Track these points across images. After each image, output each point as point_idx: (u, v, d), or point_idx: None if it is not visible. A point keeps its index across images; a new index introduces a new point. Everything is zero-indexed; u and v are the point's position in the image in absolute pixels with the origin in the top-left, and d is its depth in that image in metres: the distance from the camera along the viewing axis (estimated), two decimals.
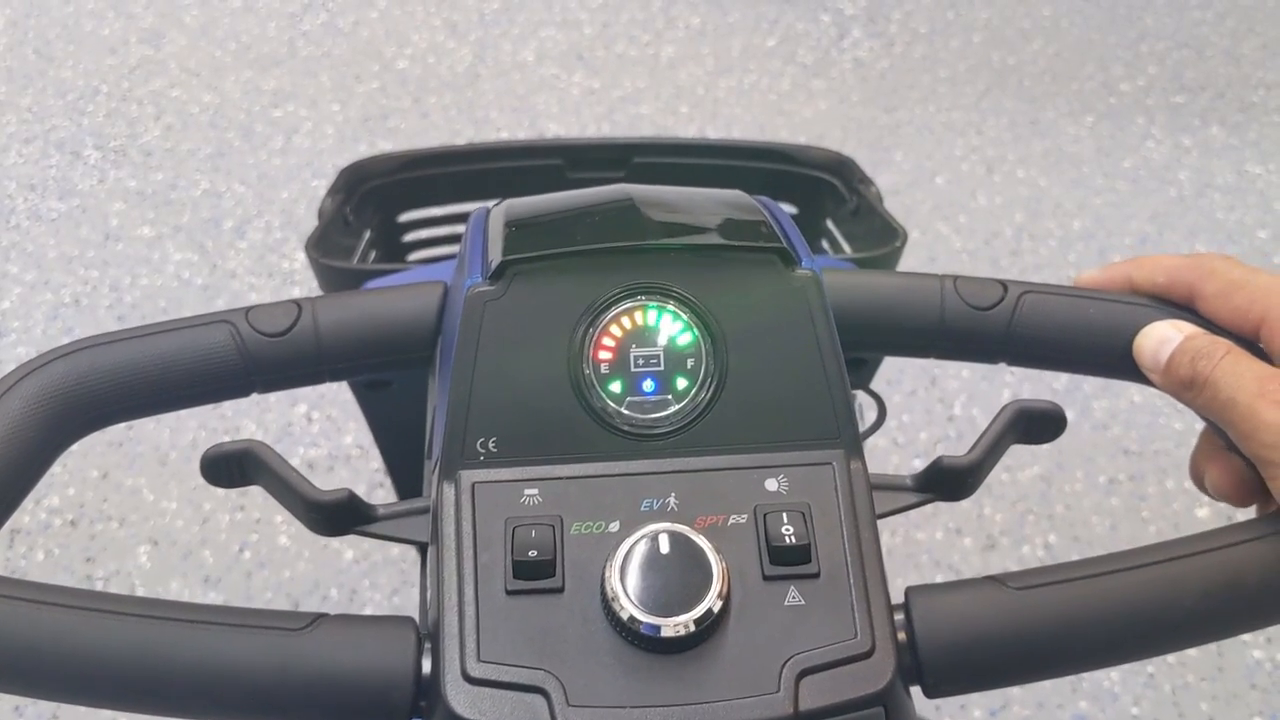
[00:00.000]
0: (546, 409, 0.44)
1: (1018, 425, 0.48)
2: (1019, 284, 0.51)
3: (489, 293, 0.45)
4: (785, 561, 0.42)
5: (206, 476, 0.46)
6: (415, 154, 0.94)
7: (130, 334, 0.48)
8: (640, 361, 0.45)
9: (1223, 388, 0.44)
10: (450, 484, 0.43)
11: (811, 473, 0.44)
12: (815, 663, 0.40)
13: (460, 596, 0.40)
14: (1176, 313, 0.50)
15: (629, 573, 0.40)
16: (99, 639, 0.38)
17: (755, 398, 0.45)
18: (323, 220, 0.86)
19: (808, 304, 0.46)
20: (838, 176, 0.93)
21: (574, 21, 2.53)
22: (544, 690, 0.39)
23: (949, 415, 1.80)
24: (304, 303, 0.49)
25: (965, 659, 0.41)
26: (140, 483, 1.68)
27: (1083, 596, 0.41)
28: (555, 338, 0.45)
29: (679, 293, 0.45)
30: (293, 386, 0.50)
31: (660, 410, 0.45)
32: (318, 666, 0.39)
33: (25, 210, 2.10)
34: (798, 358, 0.45)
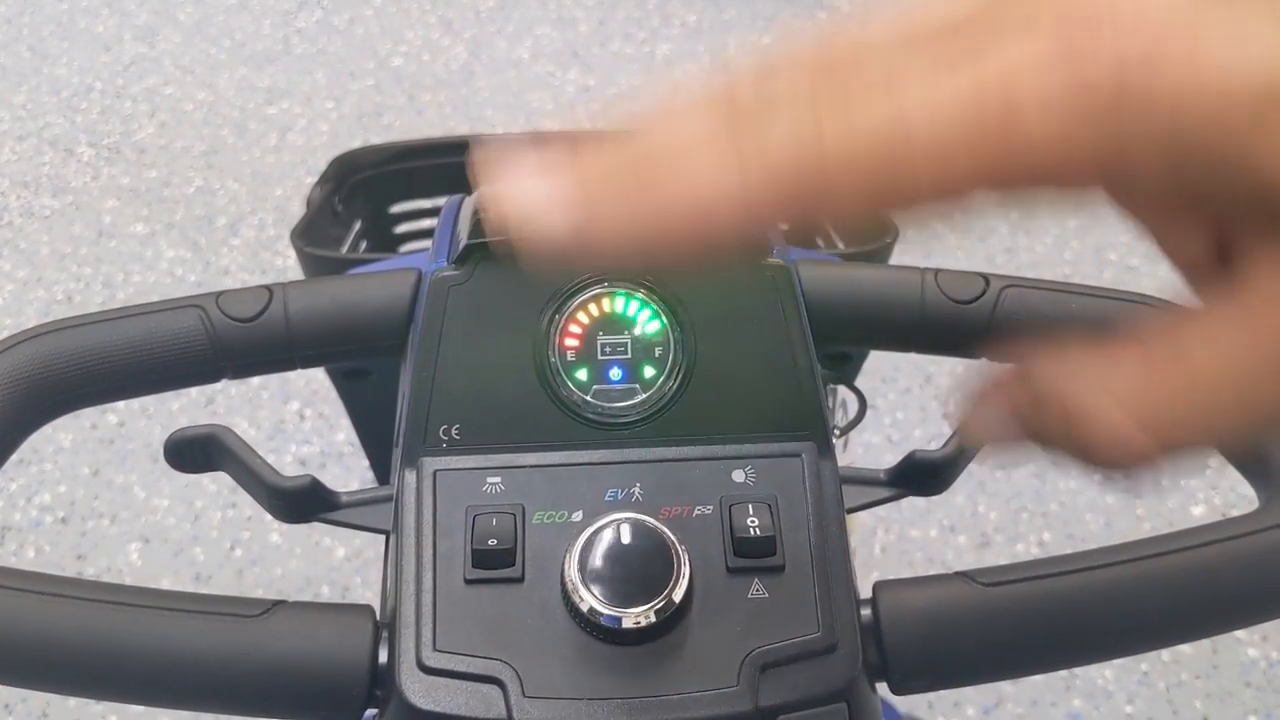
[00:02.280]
0: (511, 396, 0.43)
1: None
2: (1001, 277, 0.51)
3: (453, 277, 0.44)
4: (749, 554, 0.41)
5: (170, 461, 0.45)
6: (407, 145, 0.93)
7: (98, 317, 0.47)
8: (607, 349, 0.44)
9: None
10: (412, 471, 0.43)
11: (779, 464, 0.43)
12: (777, 657, 0.39)
13: (418, 585, 0.40)
14: (1156, 302, 0.49)
15: (589, 562, 0.39)
16: (48, 622, 0.38)
17: (724, 388, 0.44)
18: (310, 209, 0.86)
19: (778, 294, 0.45)
20: None
21: (569, 19, 2.53)
22: (500, 681, 0.38)
23: (946, 412, 1.79)
24: (275, 288, 0.49)
25: (931, 655, 0.40)
26: (131, 480, 1.68)
27: (1052, 593, 0.40)
28: (521, 324, 0.44)
29: (648, 280, 0.45)
30: (263, 373, 0.49)
31: (627, 399, 0.44)
32: (272, 654, 0.38)
33: (18, 207, 2.09)
34: (768, 348, 0.44)
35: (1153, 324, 0.25)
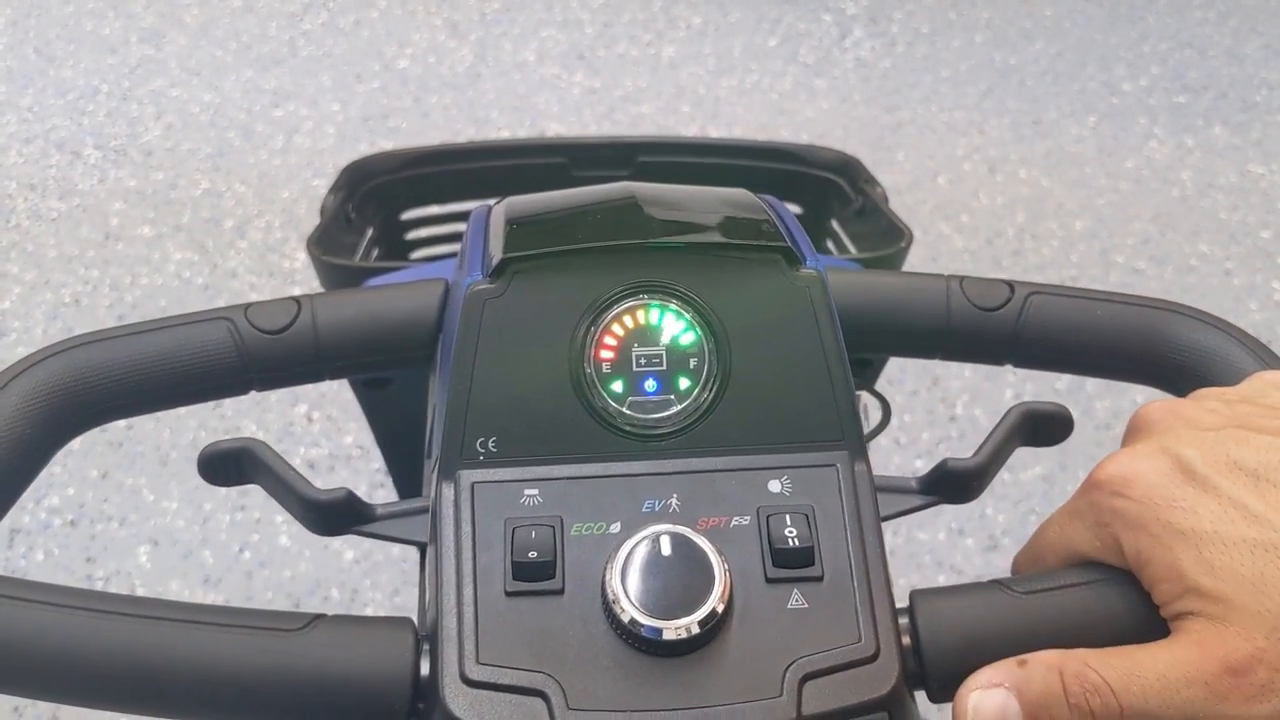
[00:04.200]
0: (547, 408, 0.43)
1: (1024, 428, 0.47)
2: (1026, 285, 0.51)
3: (489, 290, 0.44)
4: (788, 564, 0.41)
5: (204, 474, 0.45)
6: (418, 151, 0.93)
7: (128, 330, 0.47)
8: (642, 361, 0.44)
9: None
10: (450, 484, 0.43)
11: (815, 474, 0.43)
12: (819, 667, 0.39)
13: (459, 597, 0.40)
14: (1183, 310, 0.49)
15: (630, 574, 0.39)
16: (96, 639, 0.38)
17: (758, 398, 0.44)
18: (324, 218, 0.86)
19: (811, 303, 0.45)
20: (843, 176, 0.92)
21: (575, 21, 2.53)
22: (543, 693, 0.38)
23: (951, 415, 1.79)
24: (303, 300, 0.49)
25: (970, 663, 0.40)
26: (140, 482, 1.68)
27: (1087, 600, 0.41)
28: (556, 336, 0.44)
29: (682, 291, 0.45)
30: (291, 384, 0.49)
31: (662, 410, 0.44)
32: (315, 667, 0.38)
33: (25, 210, 2.09)
34: (801, 358, 0.44)
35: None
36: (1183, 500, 0.38)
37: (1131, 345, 0.49)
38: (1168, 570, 0.38)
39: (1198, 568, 0.37)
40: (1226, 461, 0.39)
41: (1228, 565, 0.37)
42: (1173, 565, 0.38)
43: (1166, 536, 0.38)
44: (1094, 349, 0.50)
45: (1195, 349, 0.49)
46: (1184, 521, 0.38)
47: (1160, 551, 0.38)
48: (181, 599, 0.40)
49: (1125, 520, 0.39)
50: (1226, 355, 0.48)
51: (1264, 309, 1.99)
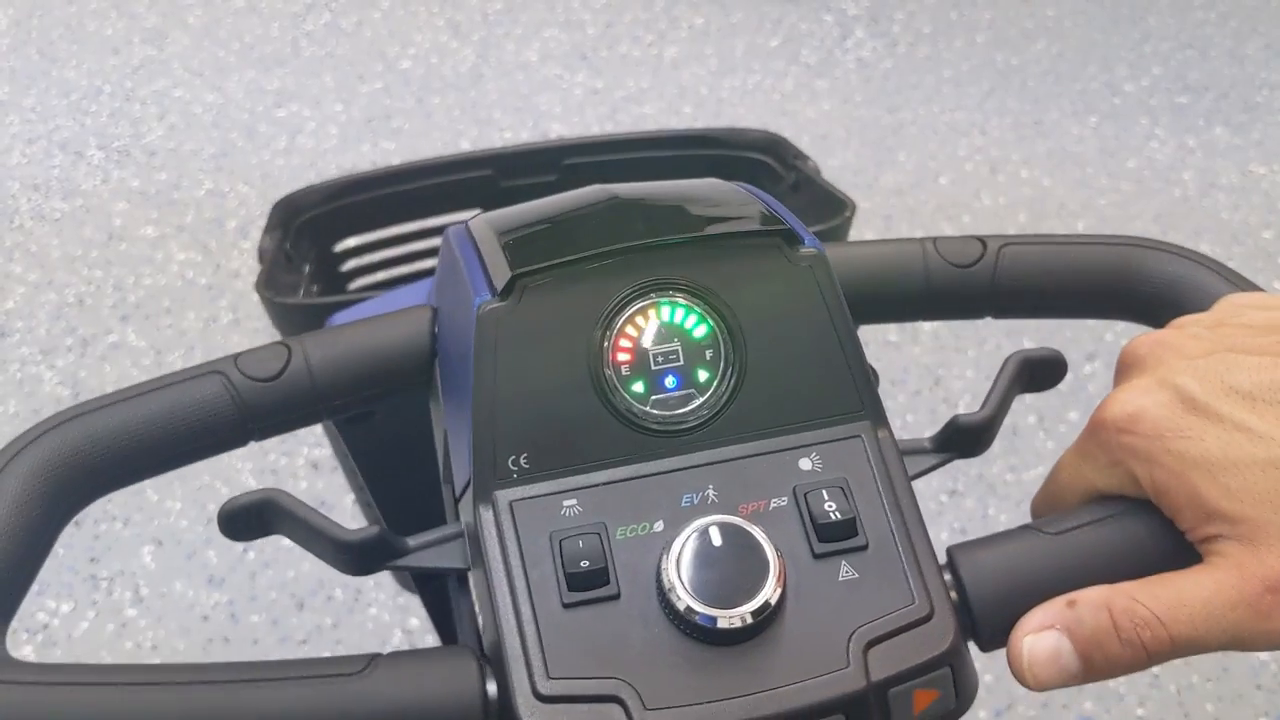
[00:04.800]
0: (573, 418, 0.44)
1: (1022, 375, 0.49)
2: (998, 237, 0.52)
3: (501, 309, 0.44)
4: (833, 538, 0.42)
5: (225, 531, 0.45)
6: (343, 181, 0.93)
7: (120, 396, 0.46)
8: (660, 359, 0.45)
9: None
10: (487, 506, 0.43)
11: (842, 447, 0.44)
12: (879, 632, 0.40)
13: (518, 616, 0.40)
14: (1152, 244, 0.51)
15: (685, 569, 0.39)
16: (154, 714, 0.37)
17: (777, 380, 0.45)
18: (264, 260, 0.85)
19: (816, 281, 0.46)
20: (771, 155, 0.93)
21: (577, 22, 2.53)
22: (619, 699, 0.38)
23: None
24: (292, 343, 0.49)
25: (1016, 608, 0.41)
26: (144, 485, 1.68)
27: (1115, 534, 0.42)
28: (573, 345, 0.44)
29: (689, 285, 0.45)
30: (290, 429, 0.49)
31: (685, 405, 0.45)
32: (383, 708, 0.38)
33: (29, 210, 2.10)
34: (813, 336, 0.45)
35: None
36: (1189, 429, 0.40)
37: (1105, 283, 0.51)
38: (1187, 499, 0.40)
39: (1215, 493, 0.39)
40: (1223, 386, 0.40)
41: (1244, 487, 0.38)
42: (1191, 494, 0.39)
43: (1180, 467, 0.39)
44: (1069, 291, 0.51)
45: (1167, 279, 0.50)
46: (1194, 450, 0.39)
47: (1176, 482, 0.40)
48: (227, 661, 0.39)
49: (1137, 456, 0.41)
50: (1198, 282, 0.50)
51: None
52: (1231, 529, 0.39)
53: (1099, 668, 0.40)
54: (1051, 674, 0.40)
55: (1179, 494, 0.40)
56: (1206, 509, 0.39)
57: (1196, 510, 0.39)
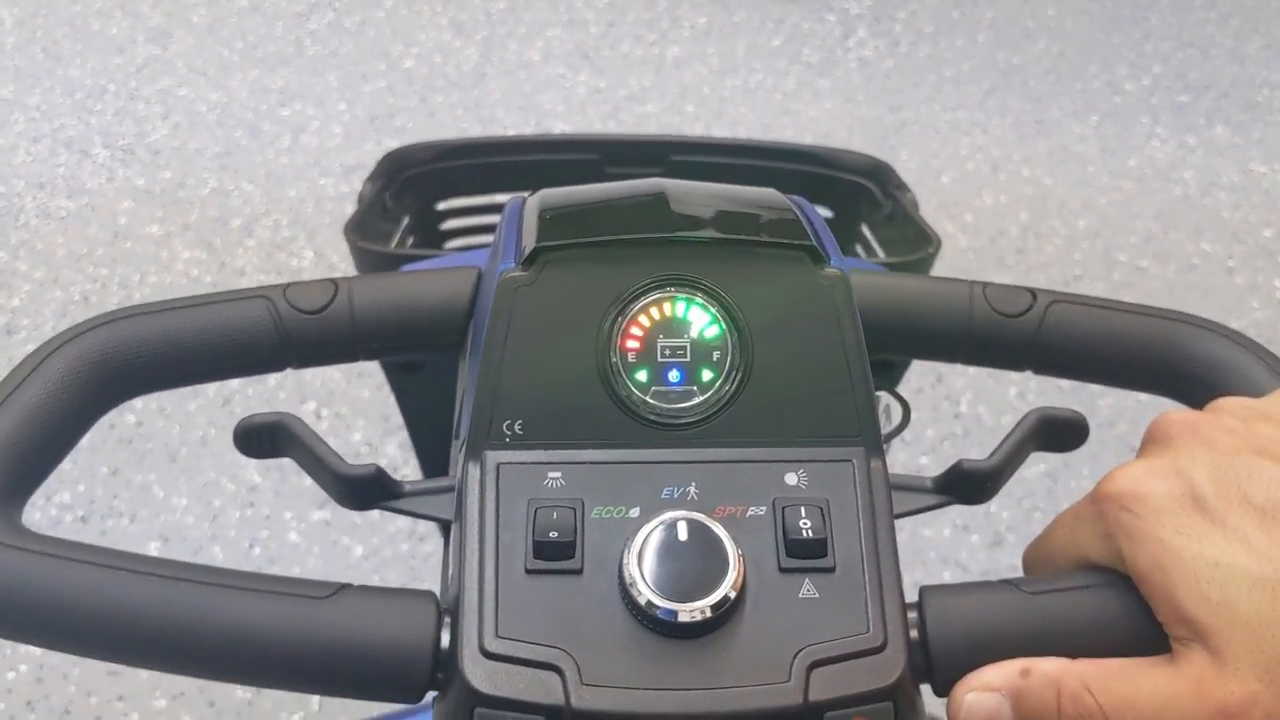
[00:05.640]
0: (573, 394, 0.45)
1: (1040, 432, 0.48)
2: (1048, 293, 0.51)
3: (521, 278, 0.45)
4: (801, 554, 0.42)
5: (239, 446, 0.46)
6: (455, 143, 0.95)
7: (169, 305, 0.48)
8: (667, 352, 0.45)
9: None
10: (475, 464, 0.44)
11: (831, 469, 0.44)
12: (827, 655, 0.40)
13: (481, 573, 0.41)
14: (1202, 323, 0.50)
15: (647, 557, 0.40)
16: (128, 597, 0.39)
17: (779, 392, 0.45)
18: (361, 205, 0.87)
19: (834, 303, 0.46)
20: (874, 181, 0.93)
21: (580, 21, 2.54)
22: (559, 668, 0.39)
23: (955, 413, 1.81)
24: (341, 282, 0.50)
25: (976, 659, 0.41)
26: (150, 479, 1.69)
27: (1095, 602, 0.41)
28: (584, 325, 0.45)
29: (708, 285, 0.46)
30: (326, 364, 0.50)
31: (685, 400, 0.45)
32: (339, 635, 0.40)
33: (34, 208, 2.10)
34: (823, 355, 0.45)
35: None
36: (1189, 528, 0.39)
37: (1149, 356, 0.50)
38: (1165, 595, 0.39)
39: (1194, 599, 0.38)
40: (1237, 494, 0.39)
41: (1225, 601, 0.37)
42: (1170, 592, 0.38)
43: (1167, 561, 0.39)
44: (1112, 358, 0.51)
45: (1212, 362, 0.49)
46: (1187, 549, 0.38)
47: (1159, 575, 0.39)
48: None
49: (1129, 535, 0.40)
50: (1243, 369, 0.49)
51: (1265, 307, 2.00)
52: (1201, 639, 0.38)
53: None
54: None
55: (1159, 587, 0.39)
56: (1180, 612, 0.38)
57: (1172, 609, 0.39)
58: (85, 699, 1.46)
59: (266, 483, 1.69)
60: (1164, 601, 0.39)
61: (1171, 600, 0.38)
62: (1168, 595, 0.38)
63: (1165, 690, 0.38)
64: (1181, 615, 0.38)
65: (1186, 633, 0.38)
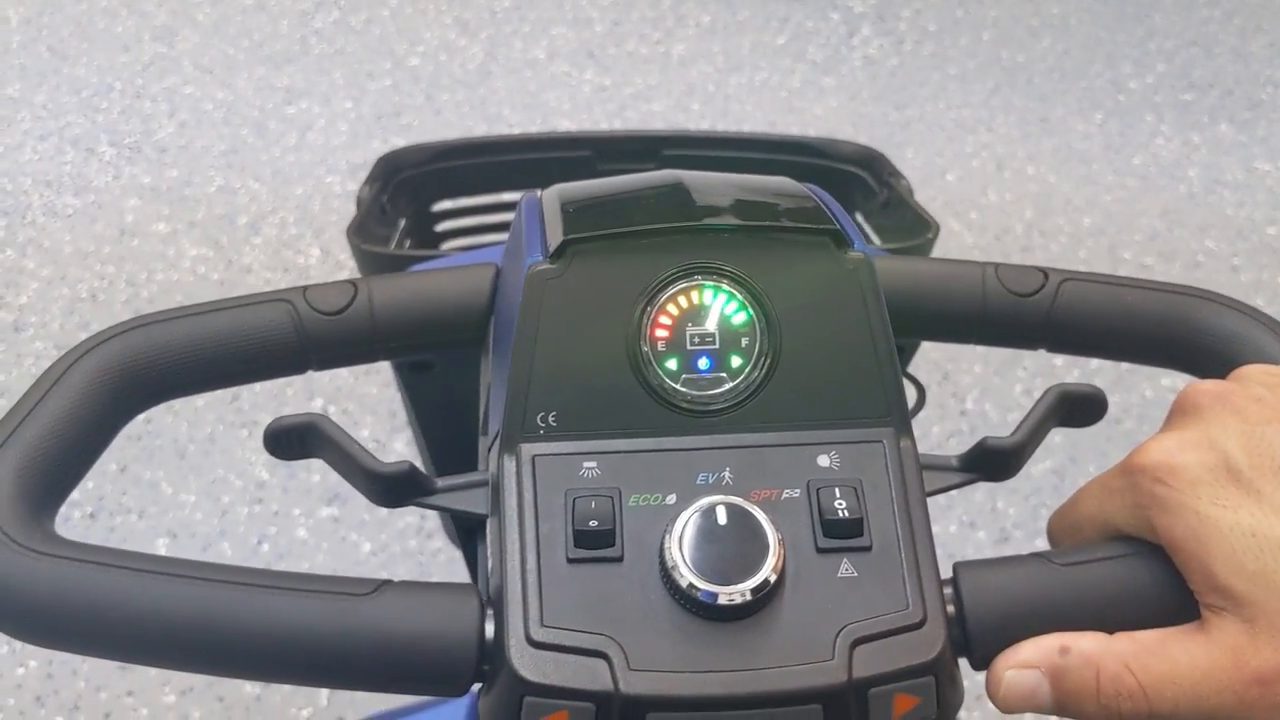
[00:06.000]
0: (605, 385, 0.45)
1: (1060, 408, 0.48)
2: (1060, 271, 0.52)
3: (550, 271, 0.46)
4: (838, 535, 0.42)
5: (269, 448, 0.47)
6: (448, 144, 0.95)
7: (189, 311, 0.49)
8: (696, 339, 0.46)
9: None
10: (511, 457, 0.44)
11: (862, 449, 0.44)
12: (868, 632, 0.40)
13: (523, 564, 0.41)
14: (1212, 296, 0.51)
15: (687, 542, 0.41)
16: (169, 601, 0.40)
17: (808, 376, 0.46)
18: (361, 208, 0.88)
19: (860, 286, 0.46)
20: (867, 170, 0.93)
21: (585, 19, 2.54)
22: (605, 654, 0.40)
23: (961, 410, 1.81)
24: (359, 282, 0.51)
25: (1012, 632, 0.42)
26: (159, 475, 1.70)
27: (1124, 572, 0.42)
28: (614, 315, 0.46)
29: (734, 272, 0.46)
30: (347, 364, 0.51)
31: (715, 387, 0.46)
32: (383, 631, 0.40)
33: (41, 206, 2.11)
34: (849, 338, 0.46)
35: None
36: (1224, 498, 0.39)
37: (1162, 330, 0.51)
38: (1200, 565, 0.39)
39: (1229, 568, 0.38)
40: (1271, 464, 0.39)
41: (1260, 570, 0.38)
42: (1205, 561, 0.39)
43: (1203, 531, 0.39)
44: (1125, 334, 0.51)
45: (1224, 334, 0.50)
46: (1223, 520, 0.39)
47: (1195, 545, 0.39)
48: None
49: (1164, 507, 0.40)
50: (1257, 341, 0.50)
51: (1271, 304, 2.00)
52: (1236, 608, 0.38)
53: (1070, 714, 0.40)
54: (1023, 706, 0.41)
55: (1194, 557, 0.39)
56: (1216, 581, 0.39)
57: (1205, 577, 0.39)
58: (94, 694, 1.47)
59: (274, 479, 1.69)
60: (1199, 571, 0.39)
61: (1207, 570, 0.39)
62: (1203, 565, 0.39)
63: (1202, 663, 0.39)
64: (1217, 584, 0.39)
65: (1221, 601, 0.39)
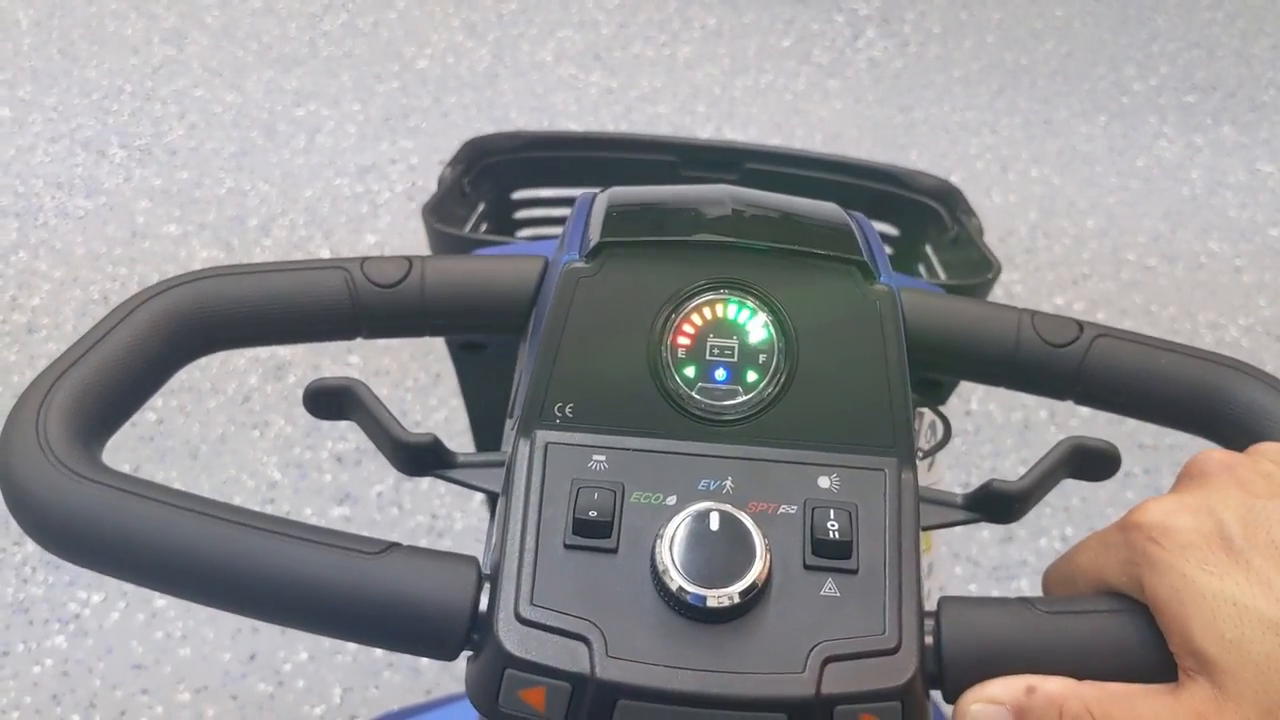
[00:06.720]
0: (622, 384, 0.47)
1: (1072, 460, 0.49)
2: (1095, 326, 0.53)
3: (583, 269, 0.48)
4: (827, 554, 0.43)
5: (308, 406, 0.49)
6: (535, 135, 0.97)
7: (252, 269, 0.51)
8: (716, 351, 0.47)
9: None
10: (526, 441, 0.46)
11: (863, 476, 0.46)
12: (841, 651, 0.41)
13: (522, 544, 0.43)
14: (1244, 368, 0.51)
15: (678, 543, 0.42)
16: (193, 536, 0.42)
17: (820, 399, 0.47)
18: (441, 188, 0.90)
19: (880, 317, 0.48)
20: (942, 204, 0.94)
21: (591, 22, 2.56)
22: (587, 639, 0.41)
23: (966, 410, 1.83)
24: (415, 260, 0.53)
25: (986, 670, 0.42)
26: (171, 476, 1.71)
27: (1108, 626, 0.42)
28: (639, 318, 0.47)
29: (760, 291, 0.48)
30: (395, 336, 0.53)
31: (729, 399, 0.47)
32: (384, 590, 0.42)
33: (53, 208, 2.13)
34: (865, 367, 0.47)
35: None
36: (1213, 565, 0.39)
37: (1190, 397, 0.51)
38: (1179, 625, 0.40)
39: (1207, 633, 0.39)
40: (1267, 538, 0.40)
41: (1238, 639, 0.38)
42: (1184, 622, 0.39)
43: (1187, 594, 0.39)
44: (1153, 396, 0.51)
45: (1251, 407, 0.50)
46: (1208, 585, 0.39)
47: (1176, 606, 0.40)
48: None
49: (1152, 565, 0.41)
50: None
51: (1272, 305, 2.02)
52: (1209, 673, 0.39)
53: None
54: None
55: (1175, 618, 0.40)
56: (1193, 644, 0.39)
57: (1185, 640, 0.39)
58: (110, 692, 1.48)
59: (286, 480, 1.71)
60: (1178, 632, 0.40)
61: (1185, 632, 0.39)
62: (1182, 626, 0.39)
63: (1164, 719, 0.39)
64: (1193, 647, 0.39)
65: (1195, 665, 0.39)
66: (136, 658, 1.52)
